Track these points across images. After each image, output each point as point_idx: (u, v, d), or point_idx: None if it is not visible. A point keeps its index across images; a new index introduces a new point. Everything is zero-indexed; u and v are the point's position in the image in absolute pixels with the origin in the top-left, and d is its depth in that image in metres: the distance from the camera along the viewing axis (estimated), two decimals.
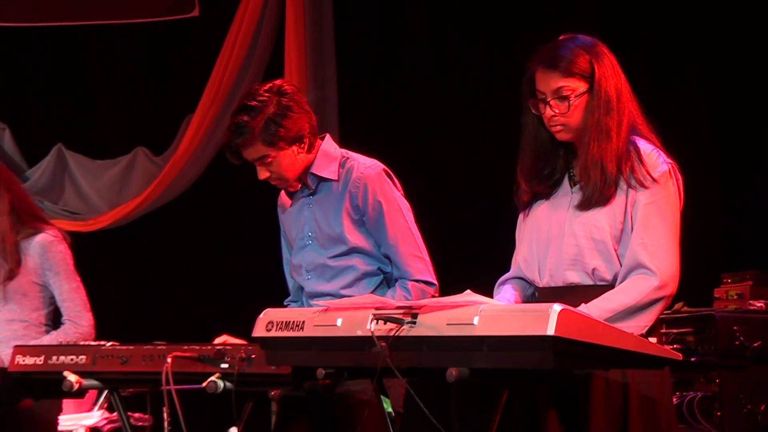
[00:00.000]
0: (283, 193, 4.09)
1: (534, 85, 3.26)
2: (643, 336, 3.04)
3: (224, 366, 3.53)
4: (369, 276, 3.90)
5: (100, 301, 4.72)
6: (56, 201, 7.51)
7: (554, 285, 3.25)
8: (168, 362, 3.55)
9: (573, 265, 3.21)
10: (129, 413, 4.19)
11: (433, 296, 3.83)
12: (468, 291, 2.91)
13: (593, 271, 3.19)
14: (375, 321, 2.94)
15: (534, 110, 3.27)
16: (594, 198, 3.19)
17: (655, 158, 3.20)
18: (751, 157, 5.86)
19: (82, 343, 4.02)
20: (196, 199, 7.45)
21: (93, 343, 3.95)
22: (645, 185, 3.17)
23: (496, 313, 2.78)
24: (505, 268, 3.44)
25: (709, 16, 5.97)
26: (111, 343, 3.85)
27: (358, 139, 5.03)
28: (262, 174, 3.90)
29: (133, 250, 7.62)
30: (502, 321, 2.75)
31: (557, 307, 2.67)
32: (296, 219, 4.02)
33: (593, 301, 3.11)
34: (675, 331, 4.70)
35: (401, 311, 2.93)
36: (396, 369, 2.88)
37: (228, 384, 3.51)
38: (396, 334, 2.89)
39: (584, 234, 3.20)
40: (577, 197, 3.24)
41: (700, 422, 4.58)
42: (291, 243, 4.06)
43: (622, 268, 3.17)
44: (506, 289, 3.37)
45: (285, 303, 4.12)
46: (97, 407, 5.54)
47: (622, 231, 3.18)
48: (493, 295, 3.35)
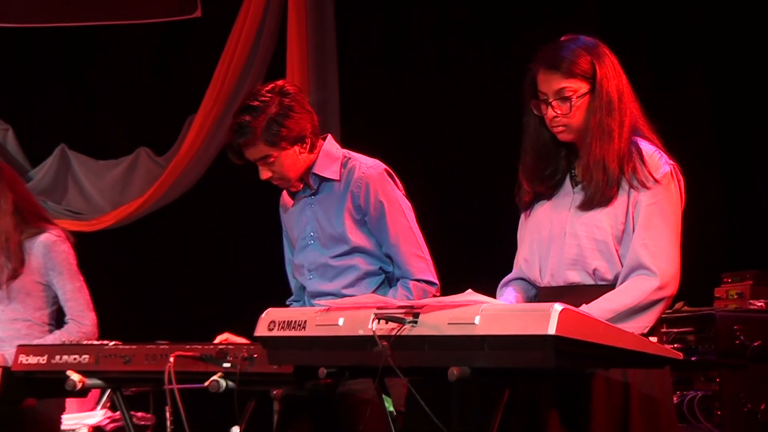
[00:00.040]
0: (284, 193, 4.10)
1: (536, 85, 3.26)
2: (644, 336, 3.04)
3: (226, 365, 3.54)
4: (371, 276, 3.91)
5: (102, 300, 4.73)
6: (59, 201, 7.51)
7: (555, 285, 3.25)
8: (170, 362, 3.56)
9: (574, 265, 3.22)
10: (132, 412, 4.18)
11: (435, 296, 3.83)
12: (469, 290, 2.91)
13: (594, 271, 3.20)
14: (377, 320, 2.94)
15: (536, 111, 3.28)
16: (596, 198, 3.19)
17: (657, 159, 3.20)
18: (751, 157, 5.86)
19: (85, 343, 4.03)
20: (199, 199, 7.44)
21: (96, 342, 3.96)
22: (647, 186, 3.17)
23: (498, 313, 2.79)
24: (506, 267, 3.44)
25: (709, 16, 5.97)
26: (114, 342, 3.86)
27: (360, 139, 5.02)
28: (264, 174, 3.91)
29: (135, 249, 7.62)
30: (504, 320, 2.76)
31: (558, 306, 2.68)
32: (298, 219, 4.02)
33: (594, 301, 3.11)
34: (675, 330, 4.70)
35: (403, 311, 2.94)
36: (397, 368, 2.88)
37: (230, 383, 3.53)
38: (397, 334, 2.90)
39: (586, 234, 3.20)
40: (579, 197, 3.24)
41: (700, 421, 4.58)
42: (293, 243, 4.07)
43: (623, 268, 3.17)
44: (509, 291, 3.37)
45: (287, 303, 4.13)
46: (100, 406, 5.54)
47: (624, 231, 3.18)
48: (495, 296, 3.34)
